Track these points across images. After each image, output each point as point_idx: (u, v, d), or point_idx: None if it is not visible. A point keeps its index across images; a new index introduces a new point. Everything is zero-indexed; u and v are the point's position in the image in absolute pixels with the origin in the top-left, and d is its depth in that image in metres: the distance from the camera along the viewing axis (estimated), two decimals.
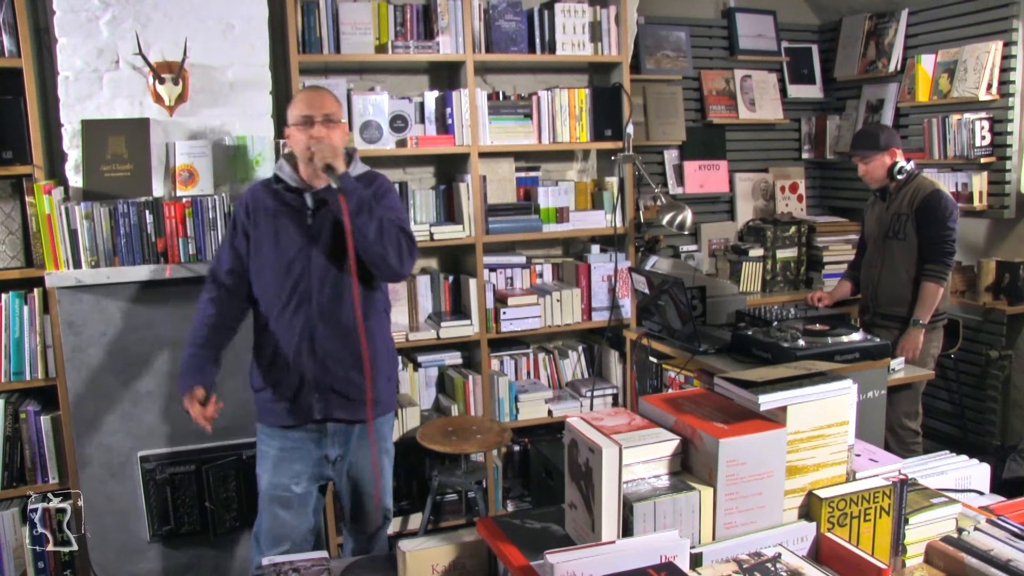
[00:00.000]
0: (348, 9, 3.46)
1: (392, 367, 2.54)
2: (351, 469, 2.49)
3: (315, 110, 2.33)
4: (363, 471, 2.49)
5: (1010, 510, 1.62)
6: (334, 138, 2.33)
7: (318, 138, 2.29)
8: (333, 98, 2.41)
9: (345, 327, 2.35)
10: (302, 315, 2.34)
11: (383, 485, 2.54)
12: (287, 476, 2.43)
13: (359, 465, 2.48)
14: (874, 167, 3.51)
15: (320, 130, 2.31)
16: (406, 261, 2.29)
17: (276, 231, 2.37)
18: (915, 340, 3.39)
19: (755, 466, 1.37)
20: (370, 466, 2.47)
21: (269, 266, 2.36)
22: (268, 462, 2.45)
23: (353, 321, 2.33)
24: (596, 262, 3.91)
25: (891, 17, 4.52)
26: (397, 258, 2.26)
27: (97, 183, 2.92)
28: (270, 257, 2.36)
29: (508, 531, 1.45)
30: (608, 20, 3.85)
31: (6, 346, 3.00)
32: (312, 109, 2.33)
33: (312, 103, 2.35)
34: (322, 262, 2.33)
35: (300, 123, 2.33)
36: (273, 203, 2.39)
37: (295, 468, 2.43)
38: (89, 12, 2.91)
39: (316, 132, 2.30)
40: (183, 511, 2.98)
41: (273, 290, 2.37)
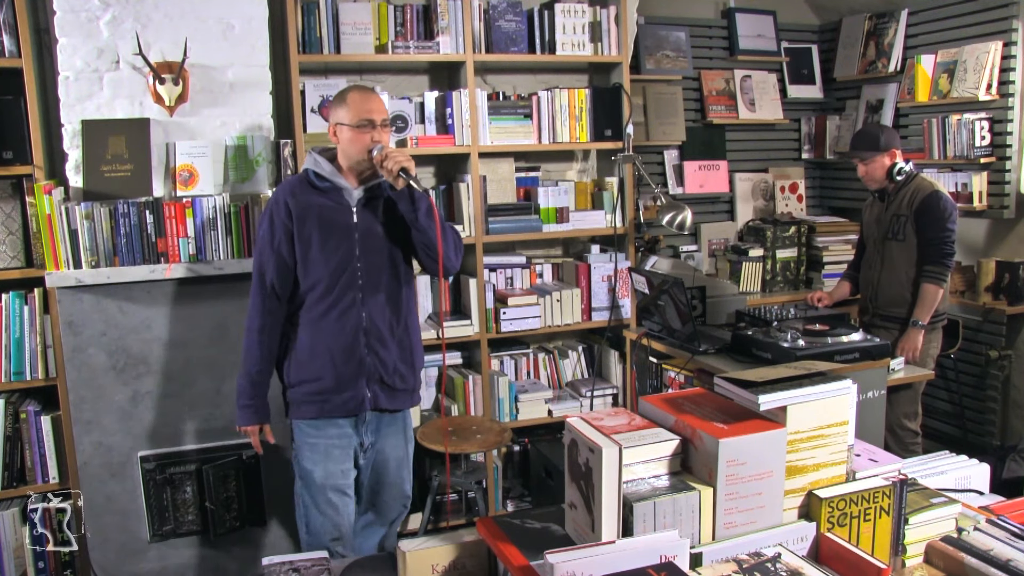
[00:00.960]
0: (348, 9, 3.46)
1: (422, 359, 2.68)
2: (378, 456, 2.58)
3: (376, 114, 2.40)
4: (388, 458, 2.59)
5: (1010, 510, 1.62)
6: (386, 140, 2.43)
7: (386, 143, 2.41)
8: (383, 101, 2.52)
9: (391, 320, 2.48)
10: (354, 310, 2.42)
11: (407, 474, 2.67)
12: (340, 465, 2.50)
13: (385, 452, 2.58)
14: (873, 168, 3.51)
15: (382, 134, 2.40)
16: (457, 257, 2.50)
17: (323, 229, 2.41)
18: (915, 341, 3.39)
19: (755, 466, 1.37)
20: (395, 453, 2.59)
21: (319, 263, 2.41)
22: (319, 454, 2.49)
23: (398, 314, 2.49)
24: (596, 262, 3.91)
25: (891, 17, 4.52)
26: (456, 253, 2.48)
27: (97, 183, 2.92)
28: (318, 255, 2.40)
29: (508, 531, 1.45)
30: (608, 20, 3.85)
31: (6, 346, 3.00)
32: (373, 113, 2.39)
33: (372, 107, 2.40)
34: (370, 258, 2.43)
35: (360, 125, 2.38)
36: (317, 200, 2.42)
37: (346, 456, 2.52)
38: (89, 12, 2.91)
39: (378, 136, 2.39)
40: (183, 511, 2.98)
41: (323, 287, 2.41)
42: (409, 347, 2.54)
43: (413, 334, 2.57)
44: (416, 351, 2.59)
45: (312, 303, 2.44)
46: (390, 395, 2.52)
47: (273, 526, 3.11)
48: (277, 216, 2.43)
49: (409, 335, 2.54)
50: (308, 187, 2.44)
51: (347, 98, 2.43)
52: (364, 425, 2.53)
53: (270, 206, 2.45)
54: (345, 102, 2.42)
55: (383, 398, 2.50)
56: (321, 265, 2.40)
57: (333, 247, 2.40)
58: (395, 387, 2.52)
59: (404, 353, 2.52)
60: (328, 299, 2.42)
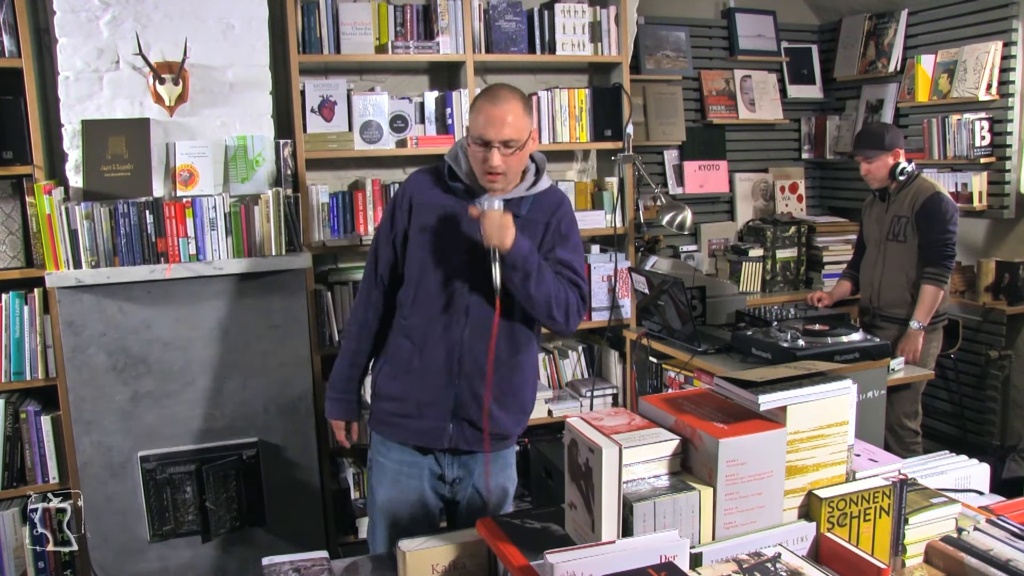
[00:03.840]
0: (348, 9, 3.46)
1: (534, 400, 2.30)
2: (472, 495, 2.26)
3: (493, 132, 1.97)
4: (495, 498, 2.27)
5: (1010, 510, 1.62)
6: (513, 165, 2.03)
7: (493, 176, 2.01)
8: (520, 110, 2.01)
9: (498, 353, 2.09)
10: (455, 332, 2.10)
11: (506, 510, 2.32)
12: (407, 495, 2.21)
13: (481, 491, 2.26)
14: (877, 167, 3.51)
15: (497, 160, 1.98)
16: (573, 320, 2.09)
17: (440, 233, 2.10)
18: (915, 342, 3.39)
19: (755, 466, 1.37)
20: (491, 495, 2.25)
21: (428, 272, 2.11)
22: (386, 476, 2.22)
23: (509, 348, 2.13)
24: (596, 262, 3.91)
25: (891, 17, 4.52)
26: (563, 318, 2.06)
27: (97, 183, 2.92)
28: (428, 262, 2.10)
29: (508, 531, 1.45)
30: (608, 20, 3.85)
31: (6, 346, 3.00)
32: (489, 130, 1.97)
33: (491, 121, 1.97)
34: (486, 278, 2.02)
35: (477, 143, 2.00)
36: (443, 200, 2.11)
37: (412, 484, 2.21)
38: (89, 12, 2.91)
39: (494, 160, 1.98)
40: (183, 511, 2.97)
41: (427, 299, 2.11)
42: (512, 390, 2.15)
43: (524, 376, 2.18)
44: (521, 396, 2.19)
45: (414, 313, 2.14)
46: (475, 437, 2.14)
47: (273, 526, 3.11)
48: (399, 207, 2.16)
49: (519, 375, 2.17)
50: (439, 182, 2.13)
51: (478, 101, 2.04)
52: (447, 456, 2.21)
53: (397, 193, 2.20)
54: (474, 105, 2.05)
55: (466, 438, 2.14)
56: (430, 274, 2.10)
57: (446, 256, 2.08)
58: (483, 429, 2.13)
59: (504, 395, 2.13)
60: (430, 313, 2.11)
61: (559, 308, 2.06)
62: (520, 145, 2.01)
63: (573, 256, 2.14)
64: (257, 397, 3.06)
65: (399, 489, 2.21)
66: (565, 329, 2.10)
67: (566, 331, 2.12)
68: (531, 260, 2.01)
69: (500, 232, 1.96)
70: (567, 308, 2.07)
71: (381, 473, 2.23)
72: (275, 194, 2.99)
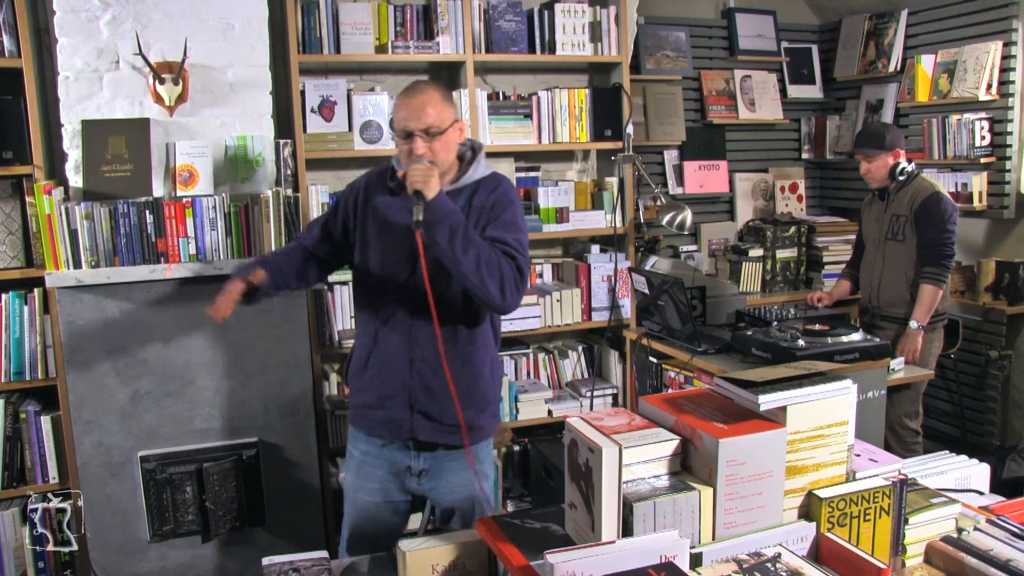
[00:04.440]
0: (348, 9, 3.46)
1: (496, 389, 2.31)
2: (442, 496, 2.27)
3: (413, 121, 2.05)
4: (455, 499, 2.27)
5: (1010, 510, 1.62)
6: (439, 151, 2.07)
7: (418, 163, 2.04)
8: (438, 98, 2.08)
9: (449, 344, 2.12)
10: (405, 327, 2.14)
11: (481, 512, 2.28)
12: (369, 483, 2.27)
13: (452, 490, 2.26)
14: (877, 166, 3.51)
15: (420, 147, 2.04)
16: (510, 295, 2.03)
17: (384, 230, 2.16)
18: (914, 342, 3.39)
19: (755, 466, 1.37)
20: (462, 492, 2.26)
21: (376, 268, 2.17)
22: (353, 463, 2.31)
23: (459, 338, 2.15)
24: (596, 262, 3.91)
25: (891, 17, 4.52)
26: (498, 290, 2.00)
27: (97, 183, 2.92)
28: (376, 259, 2.17)
29: (508, 531, 1.45)
30: (608, 20, 3.85)
31: (6, 346, 3.00)
32: (410, 120, 2.05)
33: (410, 111, 2.05)
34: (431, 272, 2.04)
35: (399, 136, 2.08)
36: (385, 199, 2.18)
37: (376, 474, 2.27)
38: (89, 12, 2.91)
39: (416, 149, 2.05)
40: (183, 511, 2.97)
41: (377, 296, 2.17)
42: (469, 379, 2.17)
43: (476, 367, 2.20)
44: (475, 388, 2.20)
45: (369, 309, 2.21)
46: (434, 428, 2.18)
47: (273, 526, 3.12)
48: (345, 202, 2.24)
49: (470, 367, 2.18)
50: (383, 185, 2.20)
51: (396, 102, 2.13)
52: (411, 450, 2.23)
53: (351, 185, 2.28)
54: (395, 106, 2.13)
55: (425, 430, 2.18)
56: (378, 270, 2.16)
57: (391, 253, 2.14)
58: (441, 421, 2.17)
59: (459, 385, 2.12)
60: (383, 310, 2.17)
61: (492, 276, 1.99)
62: (441, 131, 2.06)
63: (506, 232, 2.10)
64: (257, 397, 3.06)
65: (363, 477, 2.27)
66: (501, 302, 2.04)
67: (503, 305, 2.05)
68: (457, 216, 1.99)
69: (424, 177, 1.97)
70: (501, 278, 2.01)
71: (350, 462, 2.32)
72: (275, 194, 2.99)
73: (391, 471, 2.26)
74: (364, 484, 2.28)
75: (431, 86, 2.13)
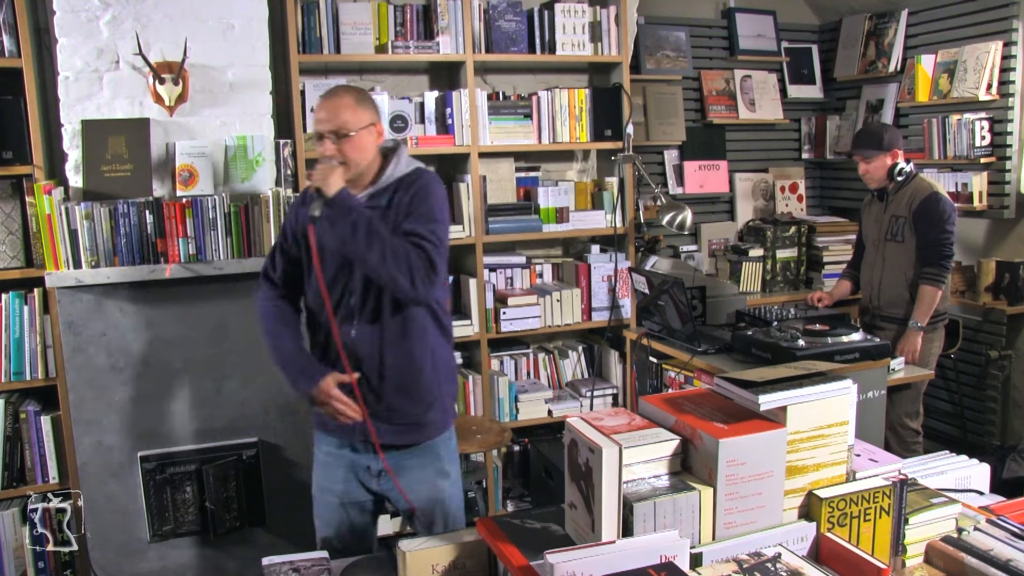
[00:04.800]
0: (348, 9, 3.46)
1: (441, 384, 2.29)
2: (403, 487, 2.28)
3: (323, 124, 2.12)
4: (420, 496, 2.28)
5: (1010, 510, 1.62)
6: (349, 152, 2.12)
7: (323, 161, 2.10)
8: (350, 102, 2.15)
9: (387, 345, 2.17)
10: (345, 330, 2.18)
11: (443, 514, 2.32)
12: (332, 483, 2.31)
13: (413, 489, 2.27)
14: (875, 167, 3.51)
15: (327, 147, 2.12)
16: (420, 284, 2.06)
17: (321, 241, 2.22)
18: (914, 342, 3.39)
19: (755, 466, 1.37)
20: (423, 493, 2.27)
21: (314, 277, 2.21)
22: (318, 463, 2.36)
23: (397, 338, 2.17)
24: (596, 262, 3.91)
25: (891, 17, 4.52)
26: (408, 281, 2.04)
27: (97, 183, 2.92)
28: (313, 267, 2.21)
29: (508, 531, 1.45)
30: (608, 20, 3.85)
31: (6, 346, 3.00)
32: (321, 123, 2.13)
33: (321, 115, 2.13)
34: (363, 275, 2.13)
35: (315, 139, 2.16)
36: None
37: (337, 474, 2.31)
38: (89, 12, 2.91)
39: (324, 150, 2.12)
40: (183, 511, 2.98)
41: (320, 303, 2.21)
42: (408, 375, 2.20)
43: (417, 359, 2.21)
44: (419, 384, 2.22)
45: (317, 319, 2.26)
46: (385, 429, 2.21)
47: (273, 526, 3.11)
48: (289, 219, 2.33)
49: (411, 360, 2.21)
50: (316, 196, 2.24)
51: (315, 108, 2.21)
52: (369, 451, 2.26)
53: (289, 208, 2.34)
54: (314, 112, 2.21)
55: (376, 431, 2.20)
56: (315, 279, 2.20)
57: (327, 261, 2.18)
58: (390, 420, 2.22)
59: (401, 385, 2.19)
60: (323, 317, 2.21)
61: (399, 268, 2.02)
62: (349, 133, 2.11)
63: (419, 224, 2.12)
64: (257, 397, 3.06)
65: (327, 478, 2.32)
66: (413, 292, 2.07)
67: (415, 295, 2.08)
68: (359, 212, 2.04)
69: (323, 175, 2.04)
70: (410, 269, 2.04)
71: (316, 462, 2.37)
72: (275, 194, 2.99)
73: (351, 470, 2.30)
74: (328, 484, 2.32)
75: (346, 90, 2.20)
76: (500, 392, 3.76)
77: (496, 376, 3.76)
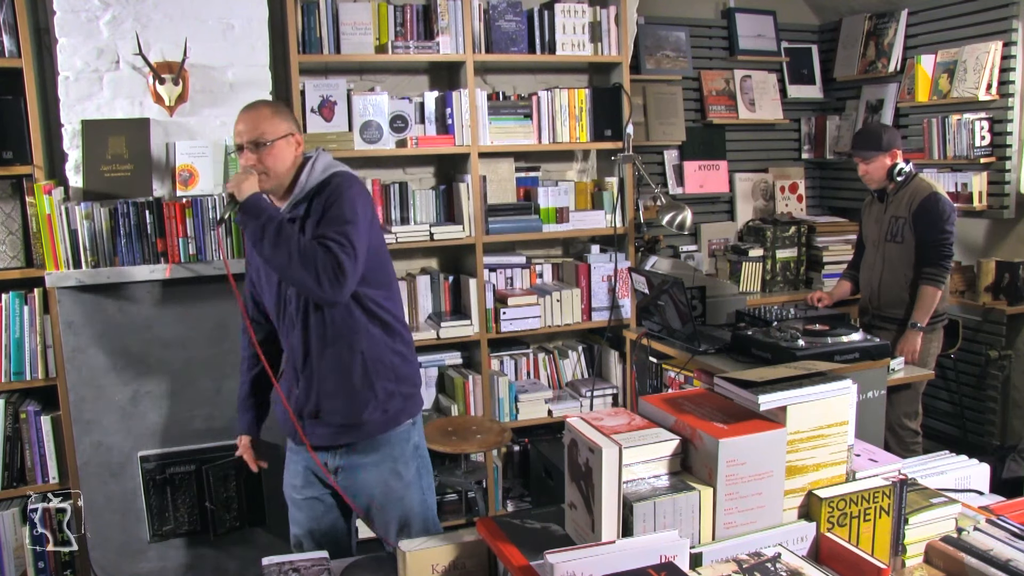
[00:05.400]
0: (348, 9, 3.46)
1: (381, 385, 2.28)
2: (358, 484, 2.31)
3: (241, 135, 2.18)
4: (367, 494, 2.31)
5: (1010, 510, 1.62)
6: (268, 161, 2.17)
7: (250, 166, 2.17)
8: (268, 113, 2.20)
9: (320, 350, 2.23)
10: (287, 339, 2.29)
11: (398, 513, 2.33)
12: (292, 479, 2.41)
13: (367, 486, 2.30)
14: (875, 168, 3.51)
15: (247, 157, 2.18)
16: (328, 284, 2.07)
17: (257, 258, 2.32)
18: (913, 343, 3.39)
19: (755, 466, 1.37)
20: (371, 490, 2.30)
21: (262, 288, 2.34)
22: (286, 465, 2.47)
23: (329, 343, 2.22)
24: (596, 262, 3.91)
25: (891, 17, 4.52)
26: (315, 282, 2.06)
27: (97, 183, 2.92)
28: (262, 280, 2.33)
29: (508, 531, 1.45)
30: (608, 20, 3.85)
31: (6, 346, 3.00)
32: (239, 135, 2.19)
33: (240, 127, 2.19)
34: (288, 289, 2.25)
35: (237, 150, 2.22)
36: None
37: (297, 470, 2.39)
38: (89, 12, 2.91)
39: (243, 159, 2.19)
40: (183, 511, 2.98)
41: (272, 312, 2.32)
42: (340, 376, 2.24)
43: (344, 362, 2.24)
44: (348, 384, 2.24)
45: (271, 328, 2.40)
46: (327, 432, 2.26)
47: (273, 526, 3.11)
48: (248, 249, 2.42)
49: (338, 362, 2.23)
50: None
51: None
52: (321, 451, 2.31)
53: None
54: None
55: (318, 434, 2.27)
56: (265, 292, 2.32)
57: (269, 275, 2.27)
58: (329, 422, 2.26)
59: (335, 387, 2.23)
60: (274, 327, 2.34)
61: (307, 269, 2.06)
62: (267, 142, 2.16)
63: (329, 226, 2.14)
64: None
65: (289, 473, 2.43)
66: (321, 292, 2.08)
67: (324, 295, 2.09)
68: (268, 216, 2.10)
69: (237, 181, 2.13)
70: (316, 270, 2.06)
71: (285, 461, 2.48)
72: None
73: (307, 466, 2.38)
74: (291, 480, 2.42)
75: (263, 103, 2.28)
76: (500, 392, 3.76)
77: (496, 376, 3.76)
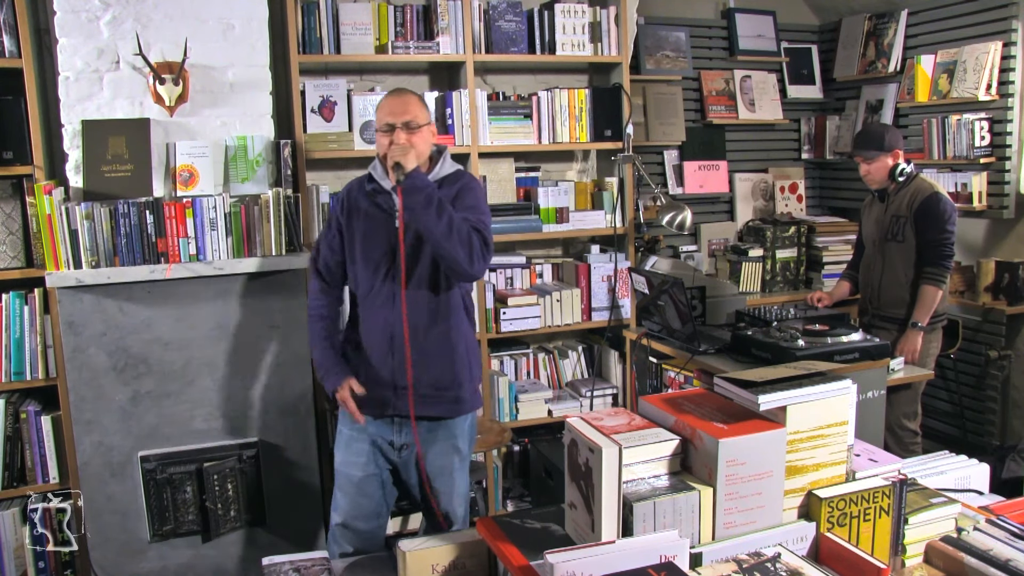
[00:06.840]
0: (348, 9, 3.46)
1: (472, 366, 2.54)
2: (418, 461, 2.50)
3: (396, 116, 2.38)
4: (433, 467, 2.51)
5: (1009, 510, 1.62)
6: (417, 142, 2.37)
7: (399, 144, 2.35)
8: (417, 101, 2.44)
9: (427, 324, 2.42)
10: (386, 311, 2.42)
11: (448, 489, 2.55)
12: (355, 457, 2.51)
13: (428, 460, 2.50)
14: (876, 168, 3.51)
15: (400, 136, 2.36)
16: (477, 262, 2.30)
17: (366, 230, 2.46)
18: (913, 342, 3.39)
19: (755, 466, 1.37)
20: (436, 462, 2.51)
21: (360, 262, 2.47)
22: (342, 441, 2.55)
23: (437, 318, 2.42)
24: (596, 262, 3.91)
25: (891, 17, 4.52)
26: (467, 258, 2.28)
27: (97, 183, 2.92)
28: (361, 254, 2.46)
29: (508, 531, 1.45)
30: (608, 20, 3.85)
31: (6, 346, 3.00)
32: (394, 116, 2.38)
33: (394, 109, 2.39)
34: (409, 260, 2.39)
35: (383, 130, 2.39)
36: (365, 202, 2.49)
37: (362, 448, 2.51)
38: (89, 12, 2.91)
39: (397, 138, 2.36)
40: (183, 511, 2.98)
41: (364, 286, 2.47)
42: (449, 352, 2.45)
43: (455, 340, 2.46)
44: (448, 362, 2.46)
45: (360, 301, 2.50)
46: (419, 400, 2.43)
47: (273, 526, 3.12)
48: (333, 211, 2.57)
49: (443, 343, 2.45)
50: (363, 189, 2.52)
51: (380, 102, 2.47)
52: (394, 425, 2.49)
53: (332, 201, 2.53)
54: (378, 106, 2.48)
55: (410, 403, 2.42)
56: (362, 263, 2.46)
57: (372, 248, 2.44)
58: (426, 394, 2.44)
59: (439, 358, 2.44)
60: (369, 298, 2.46)
61: (462, 244, 2.27)
62: (418, 125, 2.39)
63: (470, 213, 2.37)
64: (257, 397, 3.06)
65: (351, 452, 2.52)
66: (470, 268, 2.30)
67: (470, 271, 2.31)
68: (432, 187, 2.29)
69: (403, 151, 2.30)
70: (470, 245, 2.28)
71: (339, 439, 2.57)
72: (275, 194, 2.99)
73: (375, 445, 2.51)
74: (351, 459, 2.52)
75: (410, 91, 2.49)
76: (500, 392, 3.76)
77: (496, 376, 3.76)
